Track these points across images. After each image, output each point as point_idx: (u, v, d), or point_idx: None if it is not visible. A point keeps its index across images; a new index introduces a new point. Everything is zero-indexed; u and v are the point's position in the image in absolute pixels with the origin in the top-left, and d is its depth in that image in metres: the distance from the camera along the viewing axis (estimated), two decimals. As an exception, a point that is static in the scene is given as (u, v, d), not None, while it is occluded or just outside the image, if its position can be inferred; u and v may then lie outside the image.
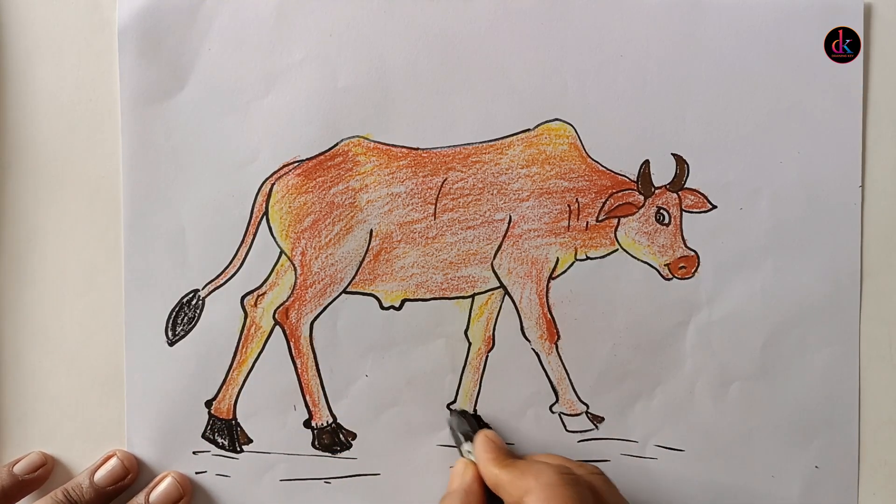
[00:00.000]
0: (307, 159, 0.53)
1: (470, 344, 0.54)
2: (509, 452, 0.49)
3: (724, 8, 0.54)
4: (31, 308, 0.53)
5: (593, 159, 0.54)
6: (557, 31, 0.54)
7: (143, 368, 0.53)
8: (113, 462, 0.52)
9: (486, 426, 0.53)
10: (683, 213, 0.54)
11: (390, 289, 0.54)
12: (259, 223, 0.53)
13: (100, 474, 0.52)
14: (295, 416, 0.54)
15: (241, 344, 0.53)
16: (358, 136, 0.53)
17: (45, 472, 0.52)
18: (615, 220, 0.54)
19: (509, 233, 0.54)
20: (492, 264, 0.54)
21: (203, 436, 0.53)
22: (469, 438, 0.51)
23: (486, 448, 0.49)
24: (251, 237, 0.53)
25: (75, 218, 0.53)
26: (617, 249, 0.54)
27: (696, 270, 0.54)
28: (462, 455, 0.51)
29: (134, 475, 0.52)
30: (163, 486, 0.52)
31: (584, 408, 0.54)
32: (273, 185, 0.53)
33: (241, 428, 0.54)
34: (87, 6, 0.53)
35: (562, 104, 0.54)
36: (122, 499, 0.52)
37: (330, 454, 0.54)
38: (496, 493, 0.47)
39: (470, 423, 0.52)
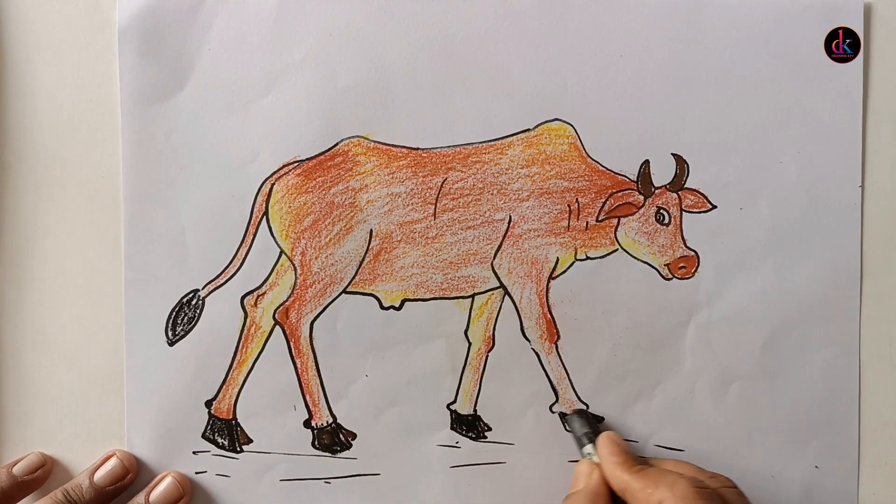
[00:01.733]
0: (307, 159, 0.53)
1: (470, 344, 0.54)
2: (636, 457, 0.49)
3: (724, 8, 0.54)
4: (31, 308, 0.53)
5: (593, 159, 0.54)
6: (557, 31, 0.53)
7: (143, 368, 0.53)
8: (113, 462, 0.52)
9: (604, 427, 0.53)
10: (683, 213, 0.54)
11: (390, 289, 0.54)
12: (259, 223, 0.53)
13: (99, 474, 0.52)
14: (295, 416, 0.54)
15: (241, 344, 0.53)
16: (358, 136, 0.53)
17: (44, 473, 0.52)
18: (615, 220, 0.54)
19: (509, 233, 0.54)
20: (492, 264, 0.54)
21: (203, 436, 0.53)
22: (590, 440, 0.51)
23: (612, 451, 0.48)
24: (251, 237, 0.53)
25: (75, 218, 0.53)
26: (617, 249, 0.54)
27: (696, 270, 0.54)
28: (583, 456, 0.51)
29: (134, 475, 0.52)
30: (163, 486, 0.52)
31: (584, 408, 0.54)
32: (273, 185, 0.53)
33: (241, 428, 0.54)
34: (87, 6, 0.53)
35: (562, 104, 0.54)
36: (122, 499, 0.52)
37: (330, 454, 0.54)
38: (623, 497, 0.47)
39: (590, 425, 0.52)
